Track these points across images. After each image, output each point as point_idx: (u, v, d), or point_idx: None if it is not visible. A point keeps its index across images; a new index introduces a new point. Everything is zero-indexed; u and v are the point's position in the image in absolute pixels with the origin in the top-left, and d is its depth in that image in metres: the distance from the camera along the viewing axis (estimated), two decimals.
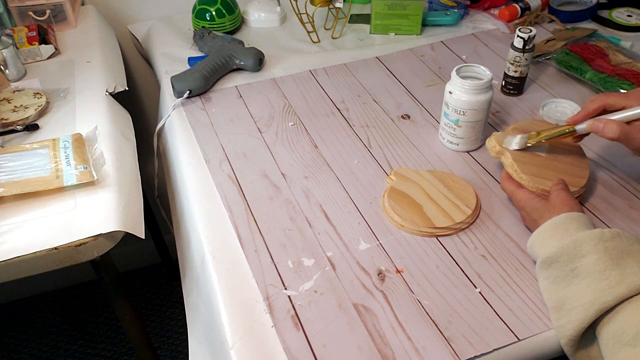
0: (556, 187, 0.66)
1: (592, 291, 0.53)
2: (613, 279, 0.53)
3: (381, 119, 0.90)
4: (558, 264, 0.57)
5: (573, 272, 0.56)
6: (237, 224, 0.72)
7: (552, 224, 0.61)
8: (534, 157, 0.71)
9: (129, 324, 0.89)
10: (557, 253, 0.57)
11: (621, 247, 0.56)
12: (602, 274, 0.54)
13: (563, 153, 0.72)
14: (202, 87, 0.95)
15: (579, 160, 0.72)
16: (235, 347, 0.58)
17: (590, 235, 0.56)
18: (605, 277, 0.54)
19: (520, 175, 0.69)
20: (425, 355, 0.56)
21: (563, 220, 0.60)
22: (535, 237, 0.62)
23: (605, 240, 0.56)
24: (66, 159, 0.75)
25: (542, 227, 0.62)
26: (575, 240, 0.57)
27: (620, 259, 0.54)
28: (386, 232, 0.70)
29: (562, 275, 0.57)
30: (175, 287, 1.62)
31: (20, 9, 1.04)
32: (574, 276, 0.56)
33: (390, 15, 1.10)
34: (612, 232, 0.57)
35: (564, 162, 0.71)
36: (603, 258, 0.55)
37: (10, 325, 1.53)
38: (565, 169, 0.70)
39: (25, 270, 0.67)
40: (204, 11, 1.11)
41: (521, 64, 0.90)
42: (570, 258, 0.56)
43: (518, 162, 0.69)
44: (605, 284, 0.53)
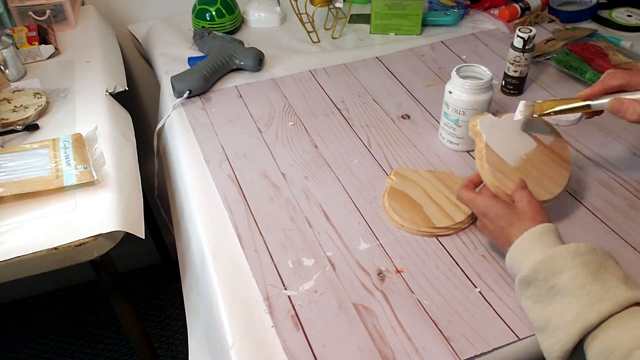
0: (522, 193, 0.62)
1: (574, 308, 0.51)
2: (594, 295, 0.51)
3: (381, 119, 0.90)
4: (537, 282, 0.54)
5: (553, 289, 0.53)
6: (237, 224, 0.72)
7: (530, 238, 0.57)
8: (511, 156, 0.67)
9: (129, 324, 0.89)
10: (534, 271, 0.54)
11: (598, 261, 0.53)
12: (583, 289, 0.52)
13: (545, 162, 0.68)
14: (202, 87, 0.95)
15: (557, 174, 0.68)
16: (235, 347, 0.58)
17: (565, 249, 0.54)
18: (586, 292, 0.51)
19: (483, 163, 0.65)
20: (425, 355, 0.56)
21: (540, 233, 0.57)
22: (513, 253, 0.59)
23: (582, 254, 0.54)
24: (66, 159, 0.75)
25: (519, 242, 0.58)
26: (551, 257, 0.54)
27: (598, 273, 0.52)
28: (386, 232, 0.70)
29: (542, 294, 0.54)
30: (175, 287, 1.62)
31: (20, 9, 1.04)
32: (554, 294, 0.53)
33: (390, 15, 1.10)
34: (587, 246, 0.54)
35: (541, 171, 0.67)
36: (581, 272, 0.52)
37: (10, 325, 1.53)
38: (538, 179, 0.66)
39: (25, 270, 0.67)
40: (204, 11, 1.11)
41: (521, 64, 0.90)
42: (548, 275, 0.54)
43: (489, 152, 0.66)
44: (586, 300, 0.51)
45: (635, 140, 0.83)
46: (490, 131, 0.67)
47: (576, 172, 0.78)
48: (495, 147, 0.67)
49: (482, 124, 0.68)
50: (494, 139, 0.67)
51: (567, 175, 0.68)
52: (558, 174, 0.68)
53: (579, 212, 0.72)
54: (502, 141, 0.67)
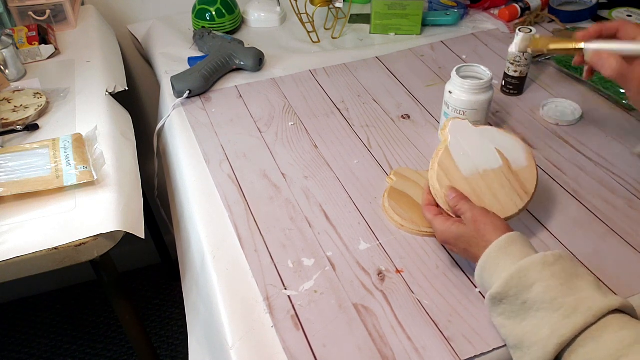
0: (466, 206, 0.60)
1: (548, 323, 0.50)
2: (567, 307, 0.49)
3: (381, 119, 0.90)
4: (508, 298, 0.53)
5: (525, 304, 0.52)
6: (237, 224, 0.72)
7: (495, 253, 0.55)
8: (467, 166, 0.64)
9: (129, 324, 0.89)
10: (505, 287, 0.53)
11: (567, 270, 0.52)
12: (555, 302, 0.50)
13: (501, 185, 0.64)
14: (202, 87, 0.95)
15: (509, 200, 0.64)
16: (235, 347, 0.58)
17: (533, 262, 0.52)
18: (558, 305, 0.50)
19: (433, 164, 0.64)
20: (425, 355, 0.56)
21: (504, 245, 0.55)
22: (480, 271, 0.57)
23: (550, 264, 0.52)
24: (66, 159, 0.75)
25: (484, 259, 0.56)
26: (520, 270, 0.52)
27: (570, 283, 0.51)
28: (386, 232, 0.70)
29: (515, 310, 0.53)
30: (175, 287, 1.62)
31: (20, 9, 1.04)
32: (527, 309, 0.52)
33: (390, 15, 1.10)
34: (554, 255, 0.53)
35: (492, 192, 0.64)
36: (552, 284, 0.51)
37: (10, 325, 1.53)
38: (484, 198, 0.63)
39: (25, 270, 0.67)
40: (204, 11, 1.11)
41: (521, 64, 0.90)
42: (519, 290, 0.52)
43: (446, 155, 0.64)
44: (560, 314, 0.49)
45: (636, 140, 0.83)
46: (457, 136, 0.66)
47: (576, 172, 0.78)
48: (454, 152, 0.65)
49: (453, 127, 0.67)
50: (458, 144, 0.66)
51: (520, 205, 0.64)
52: (509, 201, 0.64)
53: (579, 212, 0.72)
54: (466, 150, 0.66)
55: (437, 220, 0.62)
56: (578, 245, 0.67)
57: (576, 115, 0.87)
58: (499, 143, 0.67)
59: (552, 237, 0.69)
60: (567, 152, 0.82)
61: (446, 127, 0.67)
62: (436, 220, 0.63)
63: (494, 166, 0.65)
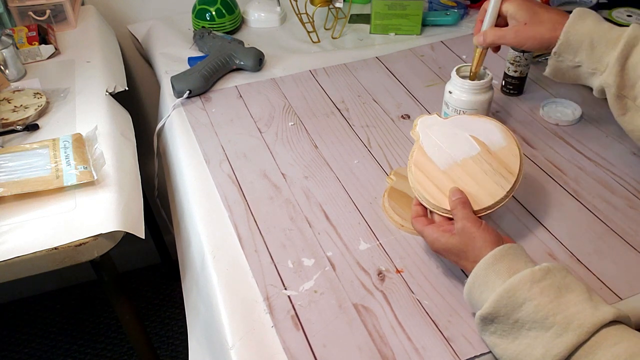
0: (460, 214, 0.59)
1: (541, 343, 0.49)
2: (559, 326, 0.49)
3: (381, 119, 0.90)
4: (499, 318, 0.52)
5: (517, 323, 0.51)
6: (237, 224, 0.72)
7: (484, 270, 0.55)
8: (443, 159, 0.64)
9: (129, 324, 0.89)
10: (495, 308, 0.52)
11: (557, 284, 0.51)
12: (546, 321, 0.49)
13: (483, 171, 0.63)
14: (202, 87, 0.95)
15: (495, 184, 0.62)
16: (235, 347, 0.58)
17: (521, 280, 0.51)
18: (549, 324, 0.49)
19: (410, 165, 0.64)
20: (425, 355, 0.56)
21: (493, 262, 0.54)
22: (469, 289, 0.56)
23: (538, 280, 0.51)
24: (66, 159, 0.75)
25: (473, 277, 0.55)
26: (509, 290, 0.51)
27: (560, 298, 0.50)
28: (386, 232, 0.70)
29: (507, 329, 0.52)
30: (175, 287, 1.62)
31: (20, 9, 1.04)
32: (519, 327, 0.51)
33: (390, 15, 1.10)
34: (542, 269, 0.52)
35: (476, 180, 0.62)
36: (542, 302, 0.50)
37: (10, 325, 1.53)
38: (468, 187, 0.62)
39: (25, 270, 0.67)
40: (204, 11, 1.11)
41: (521, 63, 0.90)
42: (509, 310, 0.51)
43: (419, 153, 0.64)
44: (552, 333, 0.49)
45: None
46: (428, 132, 0.66)
47: (576, 172, 0.78)
48: (428, 148, 0.65)
49: (422, 124, 0.67)
50: (430, 140, 0.65)
51: (507, 187, 0.62)
52: (494, 185, 0.62)
53: (579, 212, 0.72)
54: (439, 144, 0.65)
55: (426, 231, 0.62)
56: (578, 245, 0.67)
57: (576, 115, 0.87)
58: (473, 129, 0.66)
59: (552, 237, 0.69)
60: (567, 152, 0.82)
61: (415, 126, 0.67)
62: (426, 230, 0.62)
63: (471, 153, 0.64)
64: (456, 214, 0.60)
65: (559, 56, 0.71)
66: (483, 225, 0.59)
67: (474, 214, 0.60)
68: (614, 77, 0.67)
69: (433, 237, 0.61)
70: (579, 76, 0.73)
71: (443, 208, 0.62)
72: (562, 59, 0.71)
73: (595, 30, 0.69)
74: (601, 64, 0.69)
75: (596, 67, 0.69)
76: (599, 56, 0.69)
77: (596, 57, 0.69)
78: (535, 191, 0.75)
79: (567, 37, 0.70)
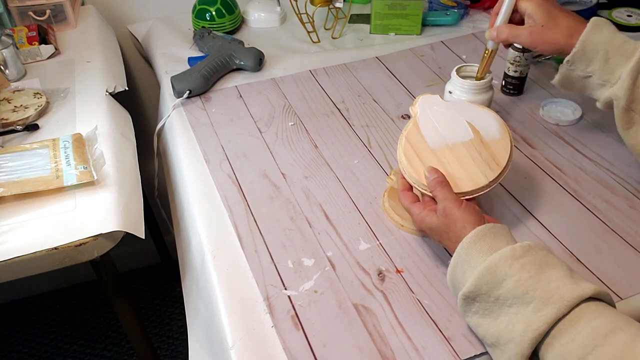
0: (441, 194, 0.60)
1: (522, 318, 0.49)
2: (538, 300, 0.49)
3: (381, 119, 0.90)
4: (481, 296, 0.52)
5: (498, 300, 0.51)
6: (237, 224, 0.72)
7: (466, 249, 0.55)
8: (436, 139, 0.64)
9: (129, 324, 0.89)
10: (476, 286, 0.52)
11: (537, 261, 0.51)
12: (526, 296, 0.49)
13: (471, 157, 0.64)
14: (202, 87, 0.95)
15: (480, 172, 0.62)
16: (235, 347, 0.58)
17: (502, 256, 0.52)
18: (529, 299, 0.49)
19: (401, 139, 0.65)
20: (425, 354, 0.56)
21: (474, 241, 0.55)
22: (452, 270, 0.56)
23: (518, 257, 0.51)
24: (66, 159, 0.75)
25: (455, 258, 0.56)
26: (489, 266, 0.52)
27: (540, 274, 0.50)
28: (386, 232, 0.70)
29: (489, 307, 0.52)
30: (175, 287, 1.62)
31: (20, 9, 1.04)
32: (500, 305, 0.51)
33: (390, 15, 1.10)
34: (522, 246, 0.52)
35: (462, 164, 0.63)
36: (522, 278, 0.50)
37: (10, 325, 1.53)
38: (451, 170, 0.62)
39: (25, 270, 0.67)
40: (204, 11, 1.11)
41: (521, 63, 0.90)
42: (491, 287, 0.51)
43: (414, 130, 0.65)
44: (531, 307, 0.49)
45: None
46: (427, 110, 0.67)
47: (576, 172, 0.78)
48: (423, 126, 0.65)
49: (423, 101, 0.68)
50: (427, 119, 0.66)
51: (491, 177, 0.62)
52: (479, 173, 0.62)
53: (579, 212, 0.72)
54: (435, 124, 0.66)
55: (413, 209, 0.63)
56: (578, 245, 0.67)
57: (576, 115, 0.87)
58: (472, 116, 0.67)
59: (552, 237, 0.69)
60: (567, 152, 0.82)
61: (416, 103, 0.68)
62: (412, 208, 0.63)
63: (464, 139, 0.65)
64: (437, 195, 0.60)
65: (571, 64, 0.70)
66: (464, 205, 0.59)
67: (454, 194, 0.60)
68: (624, 90, 0.66)
69: (419, 216, 0.61)
70: (587, 87, 0.72)
71: (423, 184, 0.62)
72: (574, 67, 0.70)
73: (611, 42, 0.68)
74: (613, 76, 0.68)
75: (607, 78, 0.69)
76: (612, 68, 0.68)
77: (609, 69, 0.68)
78: (535, 191, 0.75)
79: (583, 47, 0.69)
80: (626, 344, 0.45)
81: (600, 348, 0.45)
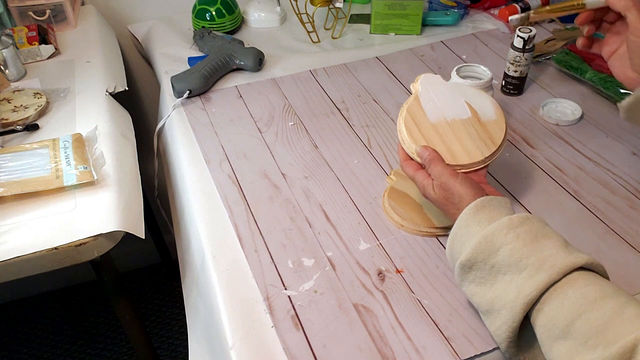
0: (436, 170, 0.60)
1: (515, 285, 0.50)
2: (531, 267, 0.50)
3: (381, 119, 0.90)
4: (477, 264, 0.53)
5: (493, 268, 0.52)
6: (237, 224, 0.72)
7: (465, 221, 0.55)
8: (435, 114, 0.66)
9: (129, 324, 0.89)
10: (473, 254, 0.53)
11: (534, 231, 0.52)
12: (520, 263, 0.50)
13: (468, 134, 0.65)
14: (202, 87, 0.95)
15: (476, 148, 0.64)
16: (235, 347, 0.58)
17: (498, 225, 0.52)
18: (523, 266, 0.50)
19: (402, 110, 0.67)
20: (425, 354, 0.56)
21: (474, 212, 0.55)
22: (451, 241, 0.57)
23: (515, 226, 0.52)
24: (66, 159, 0.75)
25: (455, 229, 0.56)
26: (486, 235, 0.52)
27: (535, 243, 0.51)
28: (386, 232, 0.70)
29: (484, 275, 0.53)
30: (175, 287, 1.62)
31: (20, 9, 1.04)
32: (495, 273, 0.52)
33: (390, 15, 1.10)
34: (520, 217, 0.53)
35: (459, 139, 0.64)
36: (517, 247, 0.51)
37: (10, 325, 1.53)
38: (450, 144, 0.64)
39: (25, 270, 0.67)
40: (204, 11, 1.11)
41: (521, 63, 0.90)
42: (487, 255, 0.52)
43: (415, 103, 0.66)
44: (524, 274, 0.50)
45: (636, 140, 0.83)
46: (428, 87, 0.69)
47: (576, 172, 0.78)
48: (424, 101, 0.67)
49: (424, 79, 0.69)
50: (428, 95, 0.68)
51: (487, 153, 0.64)
52: (475, 149, 0.64)
53: (579, 212, 0.72)
54: (435, 100, 0.68)
55: (417, 176, 0.63)
56: (578, 245, 0.67)
57: (576, 115, 0.87)
58: (470, 97, 0.68)
59: None
60: (567, 152, 0.82)
61: (417, 80, 0.69)
62: (417, 175, 0.63)
63: (462, 116, 0.67)
64: (432, 172, 0.61)
65: None
66: (460, 177, 0.60)
67: (449, 169, 0.61)
68: None
69: (422, 184, 0.62)
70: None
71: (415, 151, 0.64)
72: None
73: None
74: None
75: None
76: None
77: None
78: (536, 191, 0.75)
79: None
80: (614, 310, 0.46)
81: (589, 313, 0.46)
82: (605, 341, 0.44)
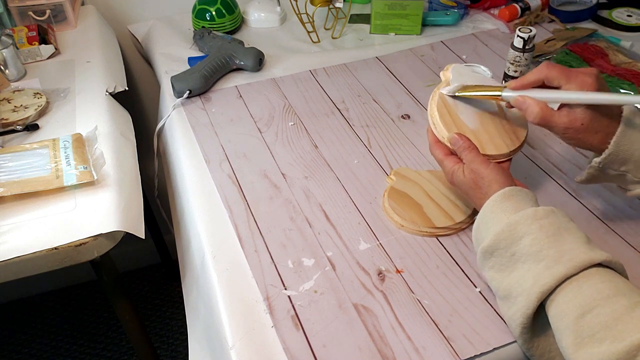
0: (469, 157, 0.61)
1: (532, 274, 0.51)
2: (550, 259, 0.51)
3: (381, 119, 0.90)
4: (498, 251, 0.55)
5: (513, 257, 0.54)
6: (237, 224, 0.72)
7: (491, 207, 0.57)
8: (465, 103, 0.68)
9: (129, 324, 0.89)
10: (496, 240, 0.55)
11: (557, 224, 0.53)
12: (539, 254, 0.51)
13: (494, 126, 0.66)
14: (202, 87, 0.95)
15: (502, 140, 0.65)
16: (235, 347, 0.58)
17: (523, 215, 0.54)
18: (542, 257, 0.51)
19: (435, 92, 0.68)
20: (425, 354, 0.56)
21: (501, 200, 0.57)
22: (477, 225, 0.59)
23: (539, 218, 0.53)
24: (66, 159, 0.75)
25: (481, 214, 0.58)
26: (510, 224, 0.54)
27: (557, 236, 0.52)
28: (386, 232, 0.70)
29: (504, 262, 0.55)
30: (175, 287, 1.62)
31: (20, 9, 1.04)
32: (515, 261, 0.54)
33: (390, 15, 1.10)
34: (546, 209, 0.54)
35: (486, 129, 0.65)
36: (539, 237, 0.52)
37: (10, 325, 1.53)
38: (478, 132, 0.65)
39: (25, 270, 0.67)
40: (204, 11, 1.11)
41: (521, 64, 0.90)
42: (509, 243, 0.54)
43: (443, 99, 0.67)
44: (543, 264, 0.51)
45: None
46: (458, 77, 0.69)
47: (576, 172, 0.78)
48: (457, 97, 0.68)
49: (455, 69, 0.70)
50: (459, 83, 0.68)
51: (512, 147, 0.65)
52: (501, 142, 0.65)
53: (579, 212, 0.72)
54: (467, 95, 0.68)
55: (446, 161, 0.64)
56: None
57: None
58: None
59: None
60: (567, 152, 0.82)
61: (448, 69, 0.70)
62: (445, 161, 0.64)
63: (490, 109, 0.68)
64: (464, 158, 0.62)
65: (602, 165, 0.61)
66: (492, 165, 0.61)
67: (482, 156, 0.62)
68: None
69: (451, 170, 0.63)
70: (618, 180, 0.64)
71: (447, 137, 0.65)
72: (606, 168, 0.61)
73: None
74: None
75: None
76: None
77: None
78: (535, 191, 0.75)
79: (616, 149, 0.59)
80: (626, 308, 0.46)
81: (600, 308, 0.47)
82: (613, 337, 0.45)
